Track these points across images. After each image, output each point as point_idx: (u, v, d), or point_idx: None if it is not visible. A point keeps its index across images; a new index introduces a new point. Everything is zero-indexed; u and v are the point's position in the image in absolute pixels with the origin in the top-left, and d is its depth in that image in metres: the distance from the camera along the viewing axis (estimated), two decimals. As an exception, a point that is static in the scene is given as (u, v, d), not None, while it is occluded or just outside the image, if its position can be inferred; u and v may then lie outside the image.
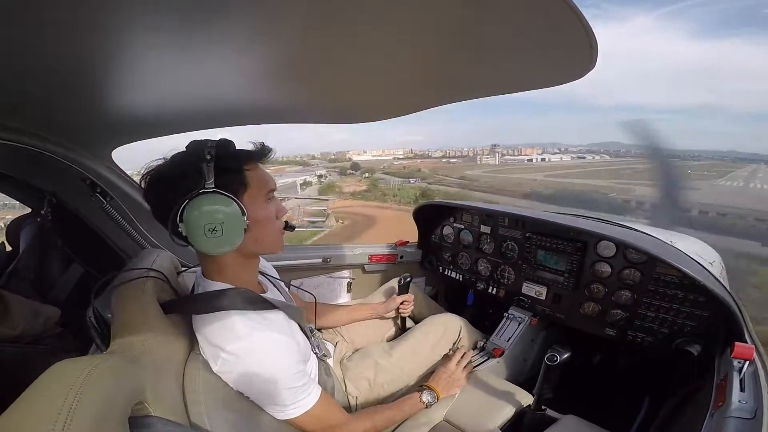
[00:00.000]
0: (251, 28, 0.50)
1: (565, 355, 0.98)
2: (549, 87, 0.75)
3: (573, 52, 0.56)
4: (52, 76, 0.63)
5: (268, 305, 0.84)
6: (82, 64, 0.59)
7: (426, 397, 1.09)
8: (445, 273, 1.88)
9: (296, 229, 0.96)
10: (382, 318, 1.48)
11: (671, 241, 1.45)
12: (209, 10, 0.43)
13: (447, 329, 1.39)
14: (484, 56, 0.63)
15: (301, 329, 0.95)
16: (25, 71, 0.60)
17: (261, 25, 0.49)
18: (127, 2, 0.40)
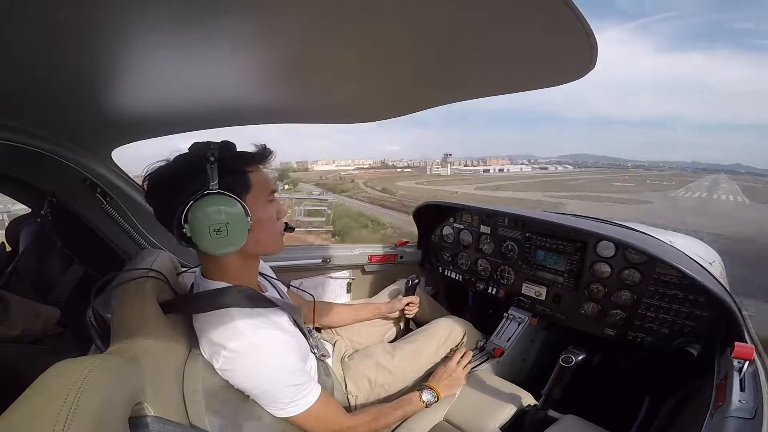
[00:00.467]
0: (251, 28, 0.50)
1: (581, 357, 0.97)
2: (549, 87, 0.75)
3: (573, 52, 0.56)
4: (52, 76, 0.63)
5: (269, 303, 0.85)
6: (82, 64, 0.59)
7: (426, 396, 1.09)
8: (445, 273, 1.88)
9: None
10: (385, 318, 1.48)
11: (671, 241, 1.45)
12: (209, 9, 0.43)
13: (451, 333, 1.38)
14: (484, 56, 0.63)
15: (300, 329, 0.95)
16: (25, 71, 0.60)
17: (261, 24, 0.49)
18: (127, 2, 0.40)
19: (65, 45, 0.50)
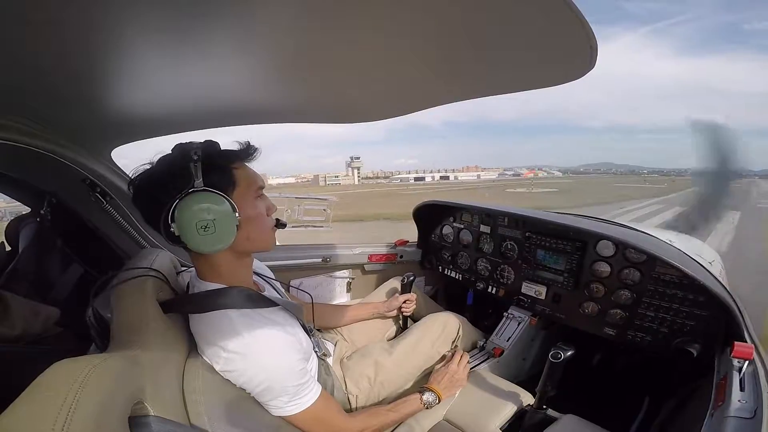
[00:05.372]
0: (251, 28, 0.51)
1: (569, 353, 0.98)
2: (548, 87, 0.75)
3: (572, 52, 0.56)
4: (52, 76, 0.63)
5: (269, 303, 0.84)
6: (82, 64, 0.59)
7: (427, 398, 1.09)
8: (445, 272, 1.88)
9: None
10: (384, 317, 1.48)
11: (671, 241, 1.45)
12: (209, 9, 0.43)
13: (446, 327, 1.38)
14: (483, 56, 0.63)
15: (303, 327, 0.95)
16: (25, 71, 0.60)
17: (260, 24, 0.49)
18: (127, 2, 0.40)
19: (65, 45, 0.50)
